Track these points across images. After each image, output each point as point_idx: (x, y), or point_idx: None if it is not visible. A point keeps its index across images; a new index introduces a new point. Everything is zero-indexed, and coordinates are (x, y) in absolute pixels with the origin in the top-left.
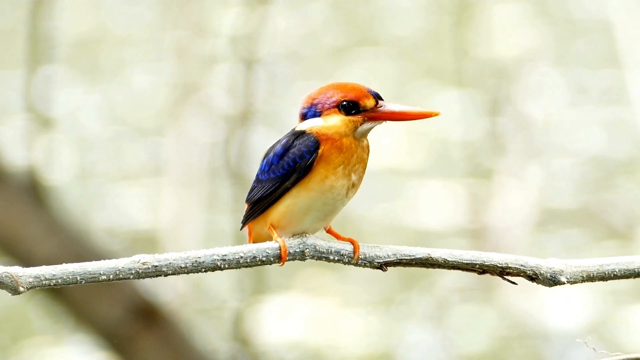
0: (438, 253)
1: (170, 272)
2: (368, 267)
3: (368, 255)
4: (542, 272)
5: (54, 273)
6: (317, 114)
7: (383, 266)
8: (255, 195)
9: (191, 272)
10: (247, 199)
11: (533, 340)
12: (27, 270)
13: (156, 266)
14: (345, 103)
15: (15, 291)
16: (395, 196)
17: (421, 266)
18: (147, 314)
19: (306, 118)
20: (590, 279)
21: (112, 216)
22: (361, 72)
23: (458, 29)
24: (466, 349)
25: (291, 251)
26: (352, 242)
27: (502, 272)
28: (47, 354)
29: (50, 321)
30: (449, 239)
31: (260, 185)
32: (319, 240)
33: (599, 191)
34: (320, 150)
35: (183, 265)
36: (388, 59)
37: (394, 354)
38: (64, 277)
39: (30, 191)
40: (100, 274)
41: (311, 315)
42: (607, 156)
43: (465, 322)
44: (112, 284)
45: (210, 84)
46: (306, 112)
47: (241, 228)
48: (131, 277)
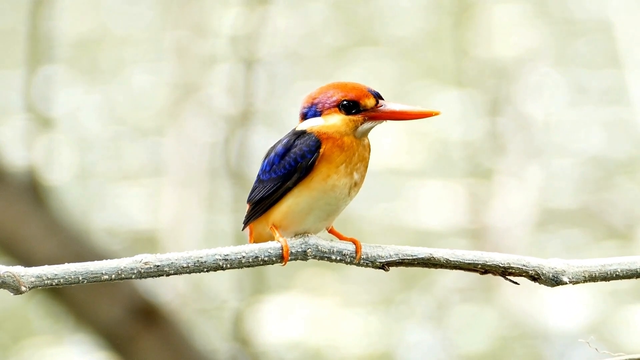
0: (440, 253)
1: (173, 271)
2: (370, 267)
3: (370, 255)
4: (544, 272)
5: (56, 273)
6: (317, 114)
7: (385, 266)
8: (257, 196)
9: (193, 272)
10: (249, 199)
11: (533, 340)
12: (29, 270)
13: (158, 266)
14: (345, 102)
15: (18, 291)
16: (395, 196)
17: (423, 266)
18: (147, 314)
19: (306, 118)
20: (593, 279)
21: (112, 216)
22: (361, 72)
23: (458, 29)
24: (466, 349)
25: (293, 251)
26: (354, 242)
27: (504, 272)
28: (47, 354)
29: (50, 321)
30: (449, 239)
31: (262, 186)
32: (321, 240)
33: (599, 191)
34: (322, 150)
35: (185, 265)
36: (388, 59)
37: (394, 354)
38: (66, 276)
39: (30, 191)
40: (103, 273)
41: (311, 315)
42: (607, 156)
43: (465, 322)
44: (112, 284)
45: (210, 84)
46: (306, 112)
47: (243, 228)
48: (133, 276)
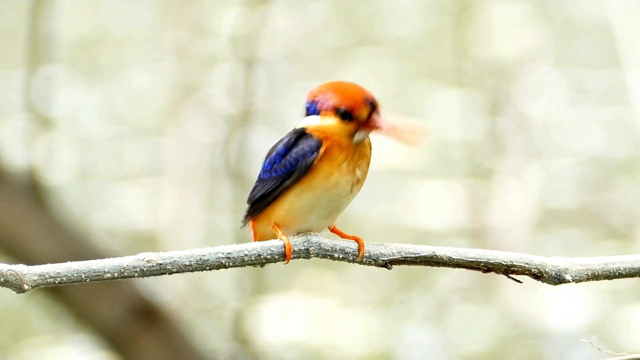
0: (443, 251)
1: (175, 270)
2: (373, 265)
3: (373, 253)
4: (547, 270)
5: (58, 271)
6: (317, 112)
7: (388, 264)
8: (257, 194)
9: (195, 270)
10: (249, 198)
11: (533, 340)
12: (31, 269)
13: (161, 264)
14: (340, 109)
15: (20, 289)
16: (395, 196)
17: (426, 264)
18: (147, 314)
19: (308, 112)
20: (595, 277)
21: (112, 216)
22: (361, 72)
23: (458, 29)
24: (466, 349)
25: (296, 249)
26: (356, 240)
27: (507, 270)
28: (47, 354)
29: (50, 321)
30: (449, 239)
31: (262, 184)
32: (324, 239)
33: (599, 191)
34: (323, 149)
35: (187, 264)
36: (388, 59)
37: (394, 354)
38: (69, 275)
39: (30, 191)
40: (105, 272)
41: (311, 315)
42: (607, 156)
43: (465, 322)
44: (112, 284)
45: (210, 84)
46: (308, 107)
47: (242, 226)
48: (136, 275)
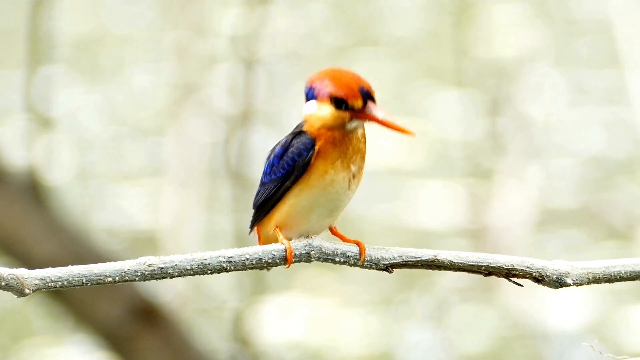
0: (444, 255)
1: (176, 273)
2: (374, 269)
3: (374, 257)
4: (548, 274)
5: (59, 275)
6: (315, 97)
7: (389, 268)
8: (260, 199)
9: (197, 274)
10: (254, 204)
11: (533, 340)
12: (32, 272)
13: (162, 268)
14: (335, 97)
15: (21, 293)
16: (395, 196)
17: (427, 268)
18: (147, 314)
19: (307, 97)
20: (596, 280)
21: (112, 216)
22: (361, 72)
23: (458, 29)
24: (466, 349)
25: (297, 253)
26: (358, 243)
27: (508, 273)
28: (47, 354)
29: (50, 321)
30: (449, 239)
31: (264, 188)
32: (325, 242)
33: (599, 191)
34: (317, 147)
35: (189, 267)
36: (388, 59)
37: (394, 354)
38: (70, 279)
39: (30, 191)
40: (106, 275)
41: (311, 315)
42: (607, 156)
43: (465, 322)
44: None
45: (210, 84)
46: (307, 93)
47: (249, 232)
48: (137, 279)
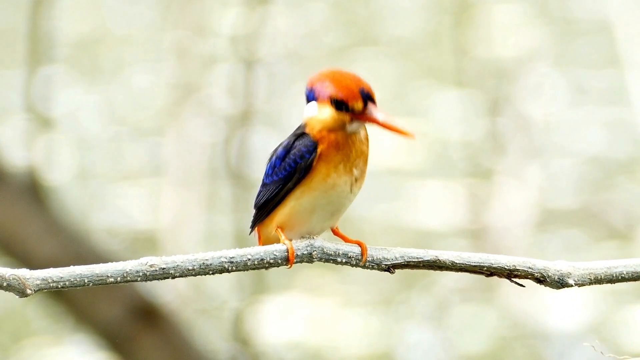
0: (446, 255)
1: (178, 274)
2: (376, 269)
3: (376, 258)
4: (550, 274)
5: (61, 275)
6: (315, 99)
7: (391, 268)
8: (262, 199)
9: (199, 275)
10: (255, 204)
11: (533, 340)
12: (34, 273)
13: (164, 268)
14: (335, 99)
15: (23, 293)
16: (395, 196)
17: (429, 268)
18: (147, 314)
19: (308, 99)
20: (598, 281)
21: (112, 216)
22: (361, 72)
23: (458, 29)
24: (466, 349)
25: (299, 253)
26: (359, 244)
27: (510, 274)
28: (47, 354)
29: (50, 321)
30: (449, 239)
31: (266, 189)
32: (327, 243)
33: (599, 191)
34: (319, 150)
35: (190, 268)
36: (388, 59)
37: (394, 354)
38: (72, 279)
39: (30, 191)
40: (108, 276)
41: (311, 315)
42: (607, 156)
43: (466, 322)
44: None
45: (210, 84)
46: (308, 95)
47: (250, 232)
48: (139, 279)
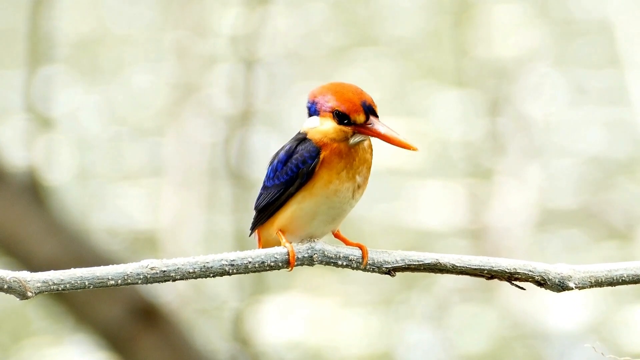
0: (446, 258)
1: (179, 277)
2: (376, 272)
3: (376, 261)
4: (550, 277)
5: (62, 278)
6: (317, 112)
7: (391, 271)
8: (262, 202)
9: (199, 277)
10: (255, 207)
11: (533, 340)
12: (35, 275)
13: (164, 271)
14: (337, 112)
15: (24, 296)
16: (395, 196)
17: (429, 271)
18: (147, 314)
19: (310, 112)
20: (599, 284)
21: (112, 216)
22: (361, 72)
23: (458, 29)
24: (466, 349)
25: (299, 256)
26: (360, 247)
27: (511, 277)
28: (47, 354)
29: (51, 321)
30: (449, 240)
31: (266, 192)
32: (328, 246)
33: (599, 191)
34: (322, 156)
35: (191, 271)
36: (388, 59)
37: (394, 354)
38: (72, 282)
39: (30, 191)
40: (109, 279)
41: (311, 315)
42: (607, 156)
43: (466, 323)
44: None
45: (210, 84)
46: (309, 107)
47: (250, 234)
48: (139, 282)
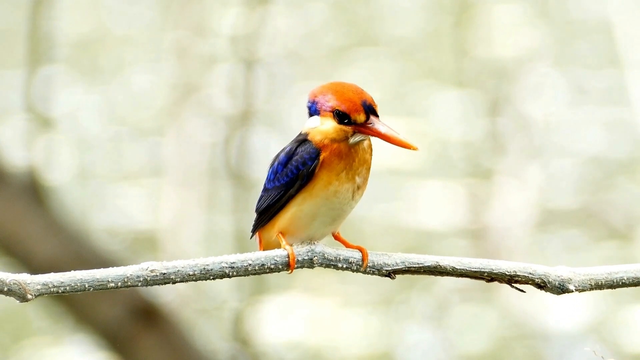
0: (446, 261)
1: (179, 279)
2: (376, 274)
3: (376, 263)
4: (550, 280)
5: (62, 280)
6: (317, 112)
7: (391, 274)
8: (263, 204)
9: (199, 280)
10: (256, 209)
11: (533, 340)
12: (35, 278)
13: (164, 274)
14: (337, 112)
15: (24, 298)
16: (395, 196)
17: (429, 274)
18: (147, 314)
19: (310, 112)
20: (599, 287)
21: (112, 216)
22: (361, 72)
23: (458, 29)
24: (466, 349)
25: (299, 259)
26: (360, 249)
27: (511, 280)
28: (47, 354)
29: (50, 321)
30: (449, 240)
31: (267, 194)
32: (328, 248)
33: (599, 191)
34: (321, 157)
35: (191, 273)
36: (388, 59)
37: (394, 354)
38: (72, 284)
39: (30, 191)
40: (109, 281)
41: (311, 315)
42: (607, 156)
43: (466, 323)
44: None
45: (210, 84)
46: (310, 107)
47: (251, 237)
48: (139, 284)
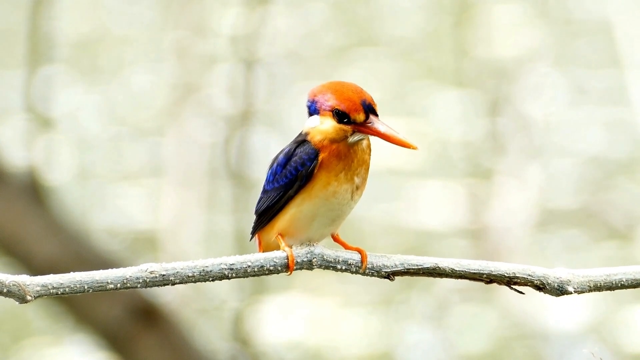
0: (445, 263)
1: (178, 281)
2: (375, 276)
3: (376, 265)
4: (549, 282)
5: (61, 282)
6: (317, 111)
7: (391, 275)
8: (262, 206)
9: (198, 281)
10: (255, 210)
11: (533, 340)
12: (34, 279)
13: (164, 275)
14: (337, 111)
15: (23, 300)
16: (395, 196)
17: (428, 275)
18: (147, 314)
19: (310, 111)
20: (598, 288)
21: (112, 216)
22: (361, 72)
23: (458, 29)
24: (466, 349)
25: (298, 260)
26: (359, 251)
27: (510, 281)
28: (47, 354)
29: (50, 321)
30: (449, 240)
31: (266, 196)
32: (327, 250)
33: (599, 191)
34: (320, 158)
35: (190, 275)
36: (388, 59)
37: (394, 354)
38: (72, 286)
39: (30, 191)
40: (108, 282)
41: (311, 315)
42: (607, 156)
43: (466, 323)
44: None
45: (210, 84)
46: (309, 106)
47: (250, 239)
48: (139, 286)
